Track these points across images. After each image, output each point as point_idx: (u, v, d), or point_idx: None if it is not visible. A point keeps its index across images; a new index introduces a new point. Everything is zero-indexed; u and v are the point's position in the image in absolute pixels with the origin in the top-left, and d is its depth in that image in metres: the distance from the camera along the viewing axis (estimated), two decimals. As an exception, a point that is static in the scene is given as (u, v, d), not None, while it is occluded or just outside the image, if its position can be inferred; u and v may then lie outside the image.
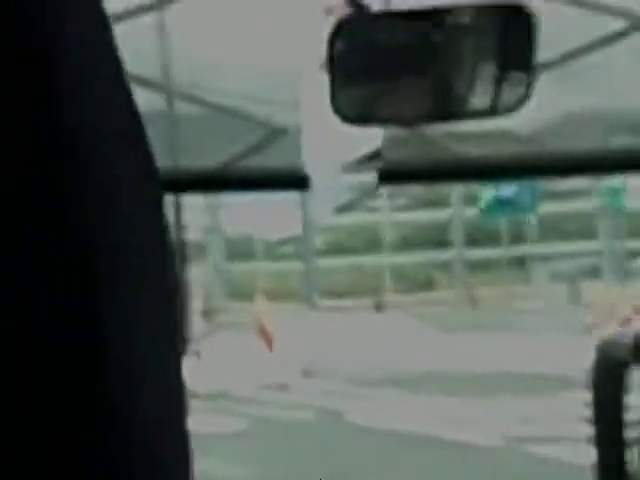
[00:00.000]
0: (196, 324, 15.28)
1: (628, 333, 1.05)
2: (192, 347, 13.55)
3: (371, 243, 27.24)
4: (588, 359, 1.30)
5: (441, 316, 18.62)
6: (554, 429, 7.77)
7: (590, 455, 1.01)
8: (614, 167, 1.85)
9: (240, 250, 25.86)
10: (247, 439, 8.70)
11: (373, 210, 27.55)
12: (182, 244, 14.76)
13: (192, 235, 20.15)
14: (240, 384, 11.75)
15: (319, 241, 27.43)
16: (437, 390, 10.80)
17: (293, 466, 7.40)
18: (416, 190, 24.16)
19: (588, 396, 1.05)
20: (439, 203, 26.74)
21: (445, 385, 11.12)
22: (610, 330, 13.68)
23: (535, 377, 11.00)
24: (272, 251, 26.09)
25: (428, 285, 26.66)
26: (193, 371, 12.57)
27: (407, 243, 27.47)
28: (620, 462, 1.00)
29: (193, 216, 20.66)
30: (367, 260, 26.91)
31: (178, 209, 14.71)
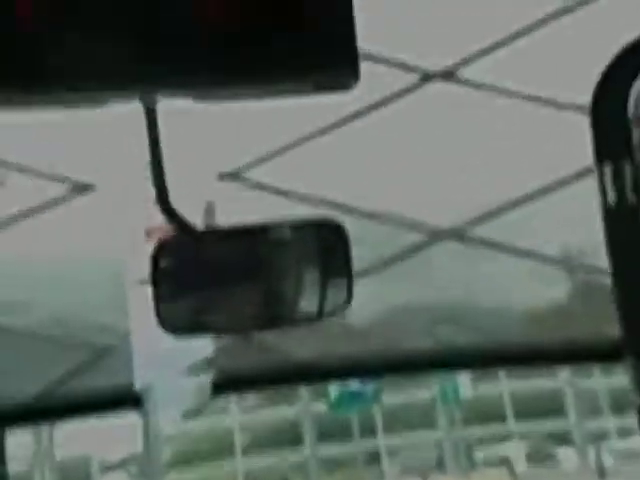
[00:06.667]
0: None
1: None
2: None
3: (222, 448, 26.42)
4: None
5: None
6: None
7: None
8: (445, 365, 1.94)
9: (75, 475, 24.19)
10: None
11: (223, 411, 26.90)
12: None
13: (18, 467, 18.25)
14: None
15: (166, 453, 26.26)
16: None
17: None
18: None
19: None
20: (290, 399, 26.45)
21: None
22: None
23: None
24: (114, 472, 24.62)
25: (284, 488, 25.87)
26: None
27: (260, 444, 26.82)
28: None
29: (18, 443, 19.09)
30: (217, 469, 26.01)
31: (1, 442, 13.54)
